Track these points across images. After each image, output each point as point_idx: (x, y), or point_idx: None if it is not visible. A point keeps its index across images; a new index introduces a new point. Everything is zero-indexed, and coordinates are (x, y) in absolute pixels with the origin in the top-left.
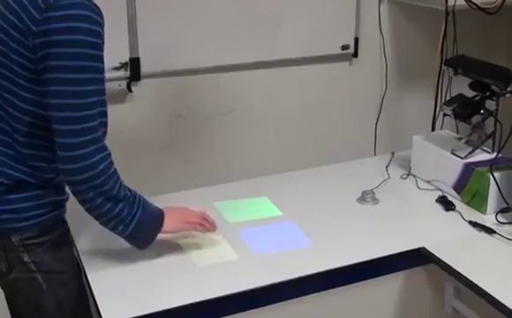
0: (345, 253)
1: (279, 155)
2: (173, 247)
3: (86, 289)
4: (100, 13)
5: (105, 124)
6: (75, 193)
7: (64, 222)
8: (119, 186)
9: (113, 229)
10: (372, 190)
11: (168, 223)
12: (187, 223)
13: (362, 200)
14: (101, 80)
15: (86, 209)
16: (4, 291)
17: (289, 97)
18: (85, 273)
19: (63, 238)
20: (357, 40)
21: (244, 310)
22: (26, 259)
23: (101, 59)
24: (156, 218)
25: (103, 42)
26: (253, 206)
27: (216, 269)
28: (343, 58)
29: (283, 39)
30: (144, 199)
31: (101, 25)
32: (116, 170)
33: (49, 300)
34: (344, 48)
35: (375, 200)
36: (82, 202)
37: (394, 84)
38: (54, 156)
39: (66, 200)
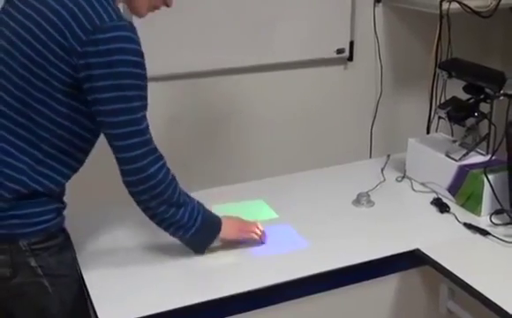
0: (341, 255)
1: (275, 157)
2: (171, 250)
3: (84, 291)
4: (137, 32)
5: None
6: (138, 203)
7: (64, 228)
8: (179, 193)
9: (174, 233)
10: (367, 192)
11: (225, 231)
12: (243, 231)
13: (357, 202)
14: (145, 98)
15: (149, 217)
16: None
17: (284, 101)
18: (82, 277)
19: (66, 243)
20: (352, 43)
21: (240, 312)
22: (33, 263)
23: (144, 77)
24: (215, 225)
25: (144, 60)
26: (250, 208)
27: (214, 272)
28: (338, 62)
29: (279, 43)
30: (203, 205)
31: (140, 44)
32: (174, 177)
33: (55, 303)
34: (339, 51)
35: (370, 203)
36: (145, 211)
37: (389, 87)
38: (71, 175)
39: (65, 208)
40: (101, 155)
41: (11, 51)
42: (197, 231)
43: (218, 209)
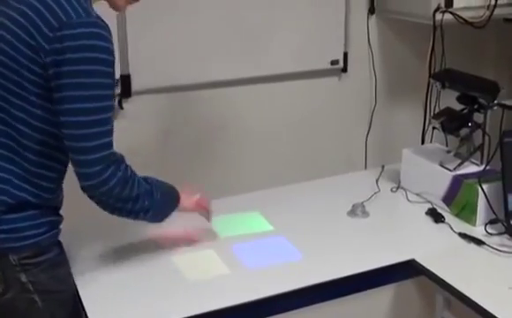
0: (336, 267)
1: (270, 169)
2: (165, 262)
3: (80, 307)
4: (109, 30)
5: None
6: (96, 203)
7: (60, 242)
8: (137, 186)
9: (134, 219)
10: (362, 203)
11: (183, 203)
12: (199, 205)
13: (352, 213)
14: (112, 97)
15: (109, 212)
16: None
17: (279, 112)
18: (77, 290)
19: (59, 258)
20: (346, 55)
21: None
22: (24, 279)
23: (113, 76)
24: (173, 200)
25: (114, 59)
26: (245, 221)
27: (208, 284)
28: (333, 73)
29: (273, 54)
30: (159, 183)
31: (112, 42)
32: (131, 174)
33: None
34: (334, 63)
35: (365, 214)
36: (104, 209)
37: (383, 98)
38: (61, 178)
39: (61, 221)
40: None
41: None
42: (156, 212)
43: (214, 222)
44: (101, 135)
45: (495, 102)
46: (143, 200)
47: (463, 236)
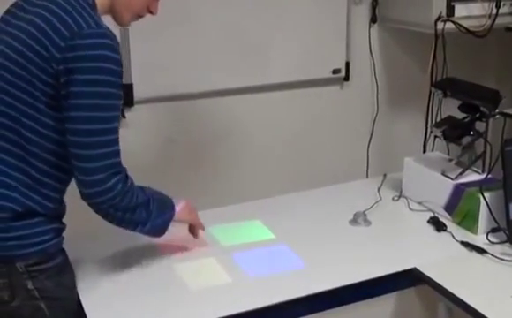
0: (338, 275)
1: (271, 178)
2: (166, 270)
3: (83, 314)
4: (117, 42)
5: None
6: (95, 211)
7: (64, 249)
8: (136, 196)
9: (132, 230)
10: (364, 212)
11: (179, 215)
12: (192, 214)
13: (354, 221)
14: (119, 108)
15: (107, 220)
16: None
17: (281, 121)
18: (79, 298)
19: (65, 265)
20: (347, 64)
21: None
22: (30, 286)
23: (121, 87)
24: (169, 211)
25: (122, 70)
26: (246, 229)
27: (209, 292)
28: (335, 82)
29: (275, 63)
30: (157, 195)
31: (120, 53)
32: (131, 184)
33: None
34: (335, 72)
35: (367, 222)
36: (103, 217)
37: (385, 106)
38: (65, 189)
39: (65, 229)
40: None
41: None
42: (152, 225)
43: (215, 231)
44: (107, 143)
45: (497, 110)
46: (140, 211)
47: (465, 244)
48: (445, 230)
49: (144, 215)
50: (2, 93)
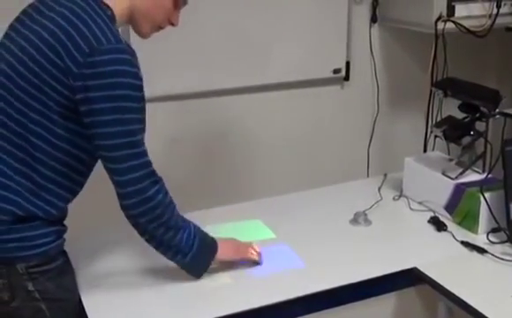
0: (338, 274)
1: (272, 177)
2: (167, 271)
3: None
4: (136, 56)
5: None
6: (136, 226)
7: (65, 251)
8: (177, 216)
9: (172, 258)
10: (364, 211)
11: (222, 252)
12: (239, 252)
13: (354, 221)
14: (145, 120)
15: (147, 240)
16: None
17: (282, 120)
18: (80, 299)
19: (66, 267)
20: (348, 63)
21: None
22: (30, 287)
23: (143, 100)
24: (211, 247)
25: (142, 84)
26: (247, 228)
27: (211, 292)
28: (335, 82)
29: (276, 63)
30: (199, 227)
31: (139, 67)
32: (172, 200)
33: None
34: (336, 71)
35: (368, 222)
36: (143, 234)
37: (385, 106)
38: (71, 199)
39: (66, 231)
40: (102, 178)
41: (10, 74)
42: (194, 256)
43: (216, 229)
44: (135, 156)
45: (497, 110)
46: (182, 236)
47: (466, 244)
48: (445, 229)
49: (185, 242)
50: (13, 98)
